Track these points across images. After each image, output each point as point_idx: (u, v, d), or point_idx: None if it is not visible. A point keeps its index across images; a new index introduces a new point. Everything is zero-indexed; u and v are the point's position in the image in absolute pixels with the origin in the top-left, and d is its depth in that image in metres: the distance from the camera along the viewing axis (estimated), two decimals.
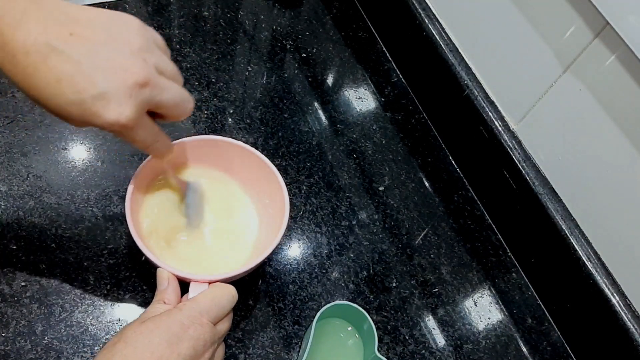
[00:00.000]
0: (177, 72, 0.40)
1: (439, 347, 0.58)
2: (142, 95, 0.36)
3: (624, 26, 0.47)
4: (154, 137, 0.40)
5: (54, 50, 0.33)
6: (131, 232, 0.45)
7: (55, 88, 0.33)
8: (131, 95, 0.35)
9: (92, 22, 0.35)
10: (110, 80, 0.34)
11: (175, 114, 0.40)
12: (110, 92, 0.34)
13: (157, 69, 0.37)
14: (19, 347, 0.47)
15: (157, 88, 0.37)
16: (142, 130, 0.38)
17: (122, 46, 0.35)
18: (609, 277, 0.56)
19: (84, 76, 0.33)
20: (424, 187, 0.70)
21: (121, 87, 0.34)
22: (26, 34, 0.32)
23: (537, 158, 0.62)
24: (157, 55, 0.38)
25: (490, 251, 0.67)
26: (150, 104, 0.37)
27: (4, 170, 0.55)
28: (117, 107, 0.34)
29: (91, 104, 0.34)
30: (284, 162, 0.66)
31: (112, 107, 0.34)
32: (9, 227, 0.52)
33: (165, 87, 0.38)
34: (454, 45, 0.70)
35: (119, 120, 0.35)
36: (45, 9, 0.33)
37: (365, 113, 0.74)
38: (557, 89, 0.58)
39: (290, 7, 0.82)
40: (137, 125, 0.37)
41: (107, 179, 0.58)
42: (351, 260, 0.60)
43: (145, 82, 0.35)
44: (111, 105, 0.34)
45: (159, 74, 0.37)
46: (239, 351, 0.51)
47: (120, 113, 0.34)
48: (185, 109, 0.40)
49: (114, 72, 0.34)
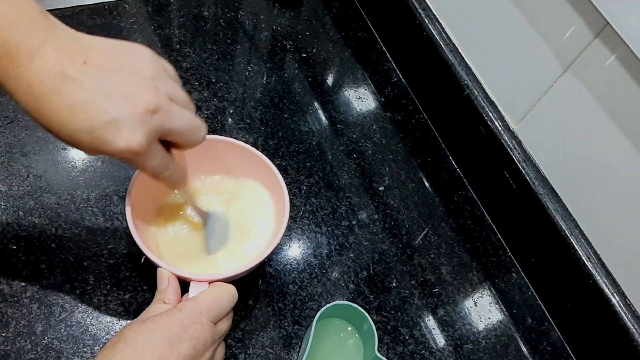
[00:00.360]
0: (188, 100, 0.40)
1: (439, 347, 0.58)
2: (154, 122, 0.36)
3: (624, 26, 0.47)
4: (165, 165, 0.40)
5: (67, 79, 0.33)
6: (131, 232, 0.45)
7: (66, 116, 0.33)
8: (142, 122, 0.35)
9: (105, 50, 0.35)
10: (122, 107, 0.34)
11: (186, 141, 0.40)
12: (121, 119, 0.34)
13: (169, 96, 0.37)
14: (19, 347, 0.47)
15: (168, 115, 0.37)
16: (153, 157, 0.38)
17: (134, 74, 0.35)
18: (609, 277, 0.56)
19: (96, 104, 0.33)
20: (424, 187, 0.70)
21: (132, 114, 0.34)
22: (42, 64, 0.32)
23: (537, 158, 0.62)
24: (169, 84, 0.38)
25: (490, 251, 0.67)
26: (161, 131, 0.37)
27: (4, 170, 0.55)
28: (128, 134, 0.34)
29: (102, 131, 0.34)
30: (284, 162, 0.66)
31: (123, 134, 0.34)
32: (9, 227, 0.52)
33: (177, 114, 0.38)
34: (454, 45, 0.70)
35: (130, 146, 0.35)
36: (60, 38, 0.34)
37: (365, 113, 0.74)
38: (557, 89, 0.58)
39: (290, 7, 0.82)
40: (148, 153, 0.37)
41: (107, 179, 0.58)
42: (351, 260, 0.60)
43: (156, 109, 0.35)
44: (122, 132, 0.34)
45: (171, 101, 0.37)
46: (239, 351, 0.51)
47: (131, 140, 0.34)
48: (197, 136, 0.40)
49: (126, 99, 0.34)
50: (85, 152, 0.36)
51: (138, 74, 0.36)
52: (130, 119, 0.34)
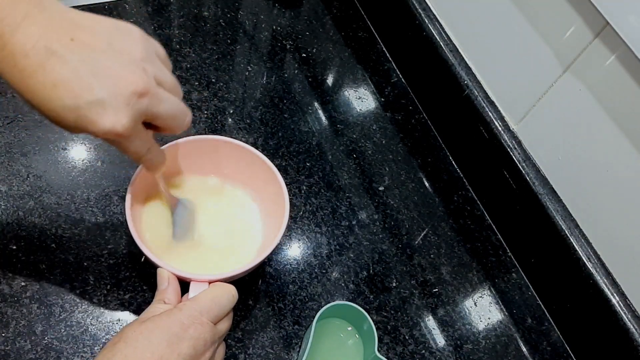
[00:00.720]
0: (176, 84, 0.40)
1: (439, 347, 0.58)
2: (140, 105, 0.35)
3: (624, 26, 0.47)
4: (147, 148, 0.39)
5: (53, 54, 0.32)
6: (131, 232, 0.45)
7: (51, 92, 0.33)
8: (128, 104, 0.34)
9: (94, 28, 0.35)
10: (108, 88, 0.33)
11: (171, 126, 0.39)
12: (107, 100, 0.33)
13: (157, 79, 0.37)
14: (19, 347, 0.47)
15: (155, 99, 0.36)
16: (137, 140, 0.37)
17: (123, 55, 0.35)
18: (609, 277, 0.56)
19: (82, 82, 0.33)
20: (424, 187, 0.70)
21: (119, 96, 0.34)
22: (26, 37, 0.32)
23: (537, 158, 0.62)
24: (158, 66, 0.38)
25: (490, 251, 0.67)
26: (146, 114, 0.36)
27: (4, 170, 0.55)
28: (113, 115, 0.34)
29: (87, 110, 0.33)
30: (284, 162, 0.66)
31: (108, 115, 0.34)
32: (9, 227, 0.52)
33: (163, 99, 0.37)
34: (454, 45, 0.70)
35: (115, 128, 0.34)
36: (47, 13, 0.33)
37: (365, 113, 0.74)
38: (557, 89, 0.58)
39: (290, 7, 0.82)
40: (133, 135, 0.36)
41: (107, 179, 0.58)
42: (351, 260, 0.60)
43: (143, 92, 0.35)
44: (107, 113, 0.34)
45: (158, 85, 0.37)
46: (239, 351, 0.51)
47: (116, 121, 0.34)
48: (182, 122, 0.40)
49: (113, 80, 0.34)
50: (69, 131, 0.35)
51: (127, 54, 0.35)
52: (116, 101, 0.34)
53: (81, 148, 0.59)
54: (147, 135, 0.39)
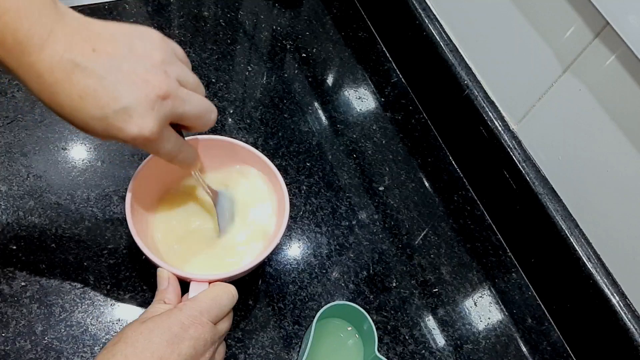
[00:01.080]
0: (198, 83, 0.40)
1: (439, 347, 0.58)
2: (165, 108, 0.36)
3: (624, 26, 0.47)
4: (178, 148, 0.40)
5: (77, 67, 0.33)
6: (131, 232, 0.45)
7: (78, 104, 0.34)
8: (153, 108, 0.35)
9: (114, 36, 0.35)
10: (133, 94, 0.34)
11: (198, 124, 0.40)
12: (132, 106, 0.34)
13: (179, 80, 0.37)
14: (19, 347, 0.47)
15: (178, 100, 0.37)
16: (166, 142, 0.38)
17: (144, 59, 0.35)
18: (609, 277, 0.56)
19: (107, 91, 0.34)
20: (424, 187, 0.70)
21: (143, 101, 0.35)
22: (52, 53, 0.33)
23: (537, 158, 0.62)
24: (179, 67, 0.38)
25: (490, 251, 0.67)
26: (173, 116, 0.37)
27: (4, 170, 0.55)
28: (139, 120, 0.35)
29: (114, 118, 0.34)
30: (284, 162, 0.66)
31: (135, 121, 0.35)
32: (9, 227, 0.52)
33: (187, 99, 0.38)
34: (454, 45, 0.70)
35: (142, 133, 0.35)
36: (69, 26, 0.34)
37: (365, 113, 0.74)
38: (557, 89, 0.58)
39: (290, 7, 0.82)
40: (161, 138, 0.37)
41: (107, 179, 0.58)
42: (351, 260, 0.60)
43: (167, 95, 0.36)
44: (134, 119, 0.34)
45: (181, 86, 0.37)
46: (239, 351, 0.51)
47: (143, 127, 0.35)
48: (208, 119, 0.41)
49: (136, 86, 0.34)
50: (100, 138, 0.36)
51: (147, 58, 0.36)
52: (141, 106, 0.34)
53: (81, 148, 0.59)
54: (176, 136, 0.40)
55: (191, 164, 0.44)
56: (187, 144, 0.42)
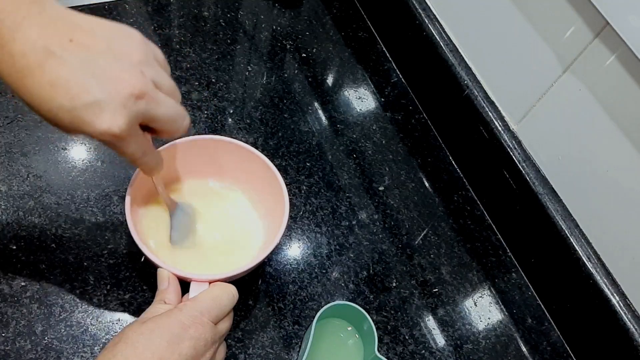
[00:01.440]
0: (174, 88, 0.40)
1: (439, 347, 0.58)
2: (137, 107, 0.35)
3: (624, 26, 0.47)
4: (142, 151, 0.39)
5: (51, 55, 0.32)
6: (131, 232, 0.45)
7: (48, 92, 0.33)
8: (125, 106, 0.34)
9: (93, 30, 0.35)
10: (106, 90, 0.34)
11: (169, 129, 0.39)
12: (104, 101, 0.33)
13: (155, 83, 0.37)
14: (19, 347, 0.47)
15: (152, 101, 0.36)
16: (134, 142, 0.37)
17: (121, 57, 0.35)
18: (609, 277, 0.56)
19: (79, 83, 0.33)
20: (424, 187, 0.70)
21: (116, 97, 0.34)
22: (25, 38, 0.32)
23: (537, 158, 0.62)
24: (156, 70, 0.38)
25: (490, 251, 0.67)
26: (144, 117, 0.36)
27: (4, 170, 0.55)
28: (109, 117, 0.34)
29: (83, 111, 0.33)
30: (284, 162, 0.66)
31: (105, 117, 0.34)
32: (9, 227, 0.52)
33: (161, 102, 0.37)
34: (454, 45, 0.70)
35: (111, 129, 0.34)
36: (47, 14, 0.33)
37: (365, 113, 0.74)
38: (557, 89, 0.58)
39: (290, 7, 0.82)
40: (129, 137, 0.36)
41: (107, 179, 0.58)
42: (351, 260, 0.60)
43: (141, 94, 0.35)
44: (104, 114, 0.34)
45: (156, 88, 0.37)
46: (239, 351, 0.51)
47: (112, 123, 0.34)
48: (179, 125, 0.40)
49: (110, 82, 0.34)
50: (64, 131, 0.35)
51: (125, 57, 0.35)
52: (113, 102, 0.34)
53: (81, 148, 0.59)
54: (143, 138, 0.39)
55: (153, 170, 0.43)
56: (154, 150, 0.42)
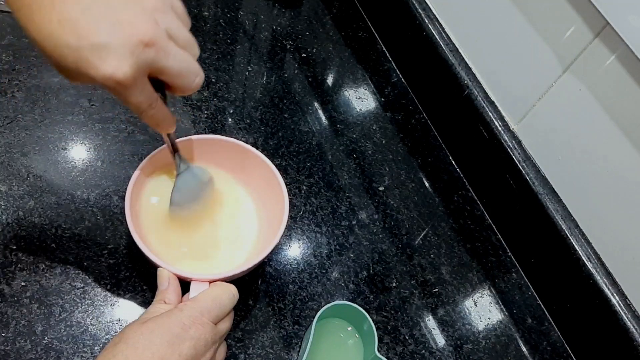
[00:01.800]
0: (191, 42, 0.38)
1: (439, 347, 0.58)
2: (145, 55, 0.34)
3: (624, 26, 0.47)
4: (149, 102, 0.37)
5: None
6: (131, 232, 0.45)
7: (55, 28, 0.32)
8: (133, 53, 0.33)
9: None
10: (115, 33, 0.32)
11: (179, 84, 0.38)
12: (111, 45, 0.32)
13: (168, 32, 0.35)
14: (19, 347, 0.47)
15: (162, 51, 0.35)
16: (138, 92, 0.36)
17: (136, 3, 0.34)
18: (609, 277, 0.56)
19: (88, 23, 0.32)
20: (424, 187, 0.70)
21: (124, 42, 0.33)
22: None
23: (537, 158, 0.62)
24: (172, 19, 0.36)
25: (490, 251, 0.67)
26: (152, 67, 0.35)
27: (4, 170, 0.55)
28: (115, 61, 0.33)
29: (89, 52, 0.32)
30: (284, 162, 0.66)
31: (110, 61, 0.32)
32: (9, 227, 0.52)
33: (172, 53, 0.35)
34: (454, 45, 0.70)
35: (115, 75, 0.33)
36: None
37: (365, 113, 0.74)
38: (557, 89, 0.58)
39: (290, 7, 0.82)
40: (134, 86, 0.34)
41: (107, 179, 0.58)
42: (351, 260, 0.60)
43: (150, 42, 0.34)
44: (110, 58, 0.32)
45: (169, 38, 0.35)
46: (239, 351, 0.51)
47: (117, 68, 0.33)
48: (190, 81, 0.38)
49: (121, 27, 0.33)
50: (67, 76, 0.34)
51: (140, 3, 0.34)
52: (121, 47, 0.32)
53: (81, 148, 0.59)
54: (150, 89, 0.37)
55: (160, 124, 0.41)
56: (163, 104, 0.39)
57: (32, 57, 0.64)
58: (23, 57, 0.63)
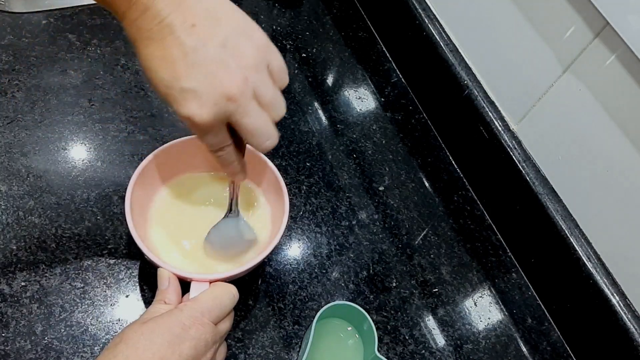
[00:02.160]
0: (276, 102, 0.40)
1: (439, 347, 0.58)
2: (226, 108, 0.36)
3: (624, 26, 0.47)
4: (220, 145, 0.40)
5: (172, 34, 0.35)
6: (131, 232, 0.45)
7: (156, 64, 0.35)
8: (216, 104, 0.36)
9: (219, 20, 0.36)
10: (204, 83, 0.35)
11: (250, 141, 0.39)
12: (199, 92, 0.35)
13: (255, 92, 0.37)
14: (19, 347, 0.47)
15: (242, 108, 0.37)
16: (212, 135, 0.38)
17: (233, 57, 0.36)
18: (609, 277, 0.56)
19: (184, 67, 0.35)
20: (424, 187, 0.70)
21: (210, 93, 0.35)
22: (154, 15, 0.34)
23: (537, 158, 0.62)
24: (262, 79, 0.38)
25: (490, 251, 0.67)
26: (230, 120, 0.37)
27: (4, 170, 0.55)
28: (197, 106, 0.35)
29: (178, 92, 0.35)
30: (284, 162, 0.66)
31: (193, 105, 0.35)
32: (9, 227, 0.52)
33: (251, 113, 0.37)
34: (454, 45, 0.70)
35: (193, 117, 0.36)
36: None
37: (365, 113, 0.74)
38: (557, 89, 0.58)
39: (290, 7, 0.82)
40: (209, 131, 0.38)
41: (107, 179, 0.58)
42: (351, 260, 0.60)
43: (234, 98, 0.36)
44: (194, 102, 0.35)
45: (252, 97, 0.37)
46: (239, 351, 0.51)
47: (197, 112, 0.36)
48: (261, 142, 0.40)
49: (211, 77, 0.35)
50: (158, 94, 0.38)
51: (236, 58, 0.36)
52: (206, 96, 0.35)
53: (81, 148, 0.59)
54: (225, 135, 0.39)
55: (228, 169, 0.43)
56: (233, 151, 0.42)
57: (32, 57, 0.64)
58: (23, 57, 0.63)
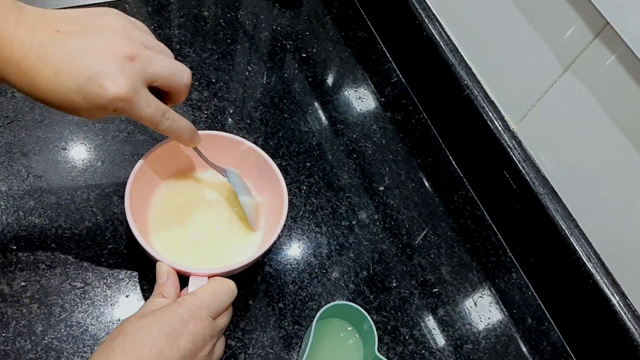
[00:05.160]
0: (164, 47, 0.42)
1: (439, 347, 0.58)
2: (134, 68, 0.37)
3: (624, 26, 0.47)
4: (162, 113, 0.41)
5: (47, 47, 0.35)
6: (130, 226, 0.45)
7: (55, 81, 0.35)
8: (123, 69, 0.37)
9: (74, 18, 0.38)
10: (100, 61, 0.36)
11: (173, 85, 0.41)
12: (103, 71, 0.36)
13: (144, 44, 0.39)
14: (19, 347, 0.47)
15: (146, 59, 0.38)
16: (146, 105, 0.39)
17: (106, 29, 0.38)
18: (609, 277, 0.56)
19: (77, 63, 0.36)
20: (424, 187, 0.70)
21: (112, 64, 0.36)
22: (22, 42, 0.35)
23: (537, 158, 0.62)
24: (141, 33, 0.40)
25: (490, 251, 0.67)
26: (144, 76, 0.38)
27: (4, 170, 0.55)
28: (112, 82, 0.36)
29: (89, 86, 0.36)
30: (284, 162, 0.66)
31: (108, 84, 0.36)
32: (9, 227, 0.52)
33: (155, 58, 0.39)
34: (454, 45, 0.70)
35: (118, 93, 0.36)
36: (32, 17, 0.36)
37: (365, 113, 0.74)
38: (557, 89, 0.58)
39: (290, 7, 0.82)
40: (138, 99, 0.38)
41: (107, 179, 0.58)
42: (351, 260, 0.60)
43: (132, 55, 0.37)
44: (107, 82, 0.36)
45: (146, 48, 0.39)
46: (239, 351, 0.51)
47: (117, 87, 0.36)
48: (181, 78, 0.41)
49: (103, 53, 0.36)
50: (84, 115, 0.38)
51: (108, 28, 0.38)
52: (111, 69, 0.36)
53: (81, 148, 0.59)
54: (156, 100, 0.40)
55: (182, 135, 0.44)
56: (178, 115, 0.43)
57: None
58: None
